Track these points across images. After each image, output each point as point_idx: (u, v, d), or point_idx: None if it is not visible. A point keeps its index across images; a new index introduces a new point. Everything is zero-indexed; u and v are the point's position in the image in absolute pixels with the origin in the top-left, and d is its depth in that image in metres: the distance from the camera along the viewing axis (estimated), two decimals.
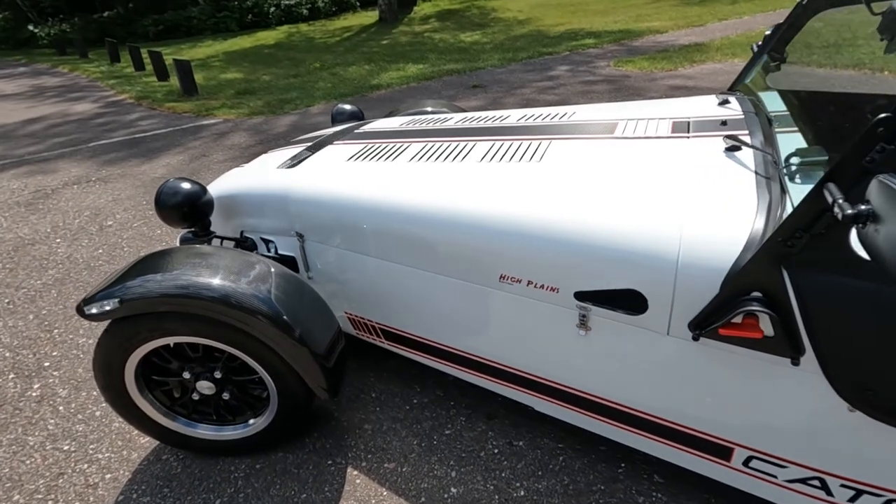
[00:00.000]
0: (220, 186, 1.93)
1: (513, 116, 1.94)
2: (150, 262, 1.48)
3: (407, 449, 1.68)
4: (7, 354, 2.28)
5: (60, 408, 1.96)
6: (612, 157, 1.43)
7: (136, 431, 1.81)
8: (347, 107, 2.60)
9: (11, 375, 2.15)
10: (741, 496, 1.27)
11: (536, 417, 1.52)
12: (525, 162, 1.49)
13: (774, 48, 1.77)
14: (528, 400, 1.52)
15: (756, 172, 1.19)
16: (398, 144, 1.83)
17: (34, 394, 2.04)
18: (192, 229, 1.82)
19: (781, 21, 1.76)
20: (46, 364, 2.21)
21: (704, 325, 1.05)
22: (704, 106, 1.67)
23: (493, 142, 1.68)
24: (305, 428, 1.77)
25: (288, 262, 1.80)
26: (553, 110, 1.94)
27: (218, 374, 1.54)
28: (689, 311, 1.08)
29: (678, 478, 1.48)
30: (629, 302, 1.16)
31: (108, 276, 1.49)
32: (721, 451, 1.22)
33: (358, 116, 2.59)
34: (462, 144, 1.70)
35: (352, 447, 1.70)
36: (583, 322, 1.25)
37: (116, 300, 1.35)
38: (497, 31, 11.55)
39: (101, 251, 3.19)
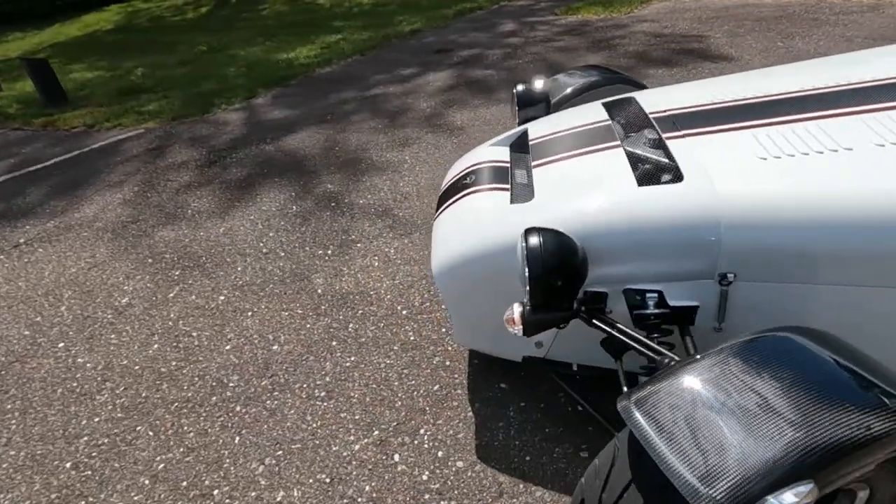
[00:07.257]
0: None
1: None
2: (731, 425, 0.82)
3: None
4: None
5: None
6: None
7: None
8: (539, 84, 1.97)
9: None
10: None
11: None
12: None
13: None
14: None
15: None
16: (811, 130, 1.33)
17: None
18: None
19: None
20: None
21: None
22: None
23: None
24: None
25: (682, 313, 1.28)
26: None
27: None
28: None
29: None
30: None
31: (707, 449, 0.81)
32: None
33: (545, 99, 1.99)
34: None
35: None
36: None
37: (810, 483, 0.75)
38: None
39: (157, 346, 2.18)
